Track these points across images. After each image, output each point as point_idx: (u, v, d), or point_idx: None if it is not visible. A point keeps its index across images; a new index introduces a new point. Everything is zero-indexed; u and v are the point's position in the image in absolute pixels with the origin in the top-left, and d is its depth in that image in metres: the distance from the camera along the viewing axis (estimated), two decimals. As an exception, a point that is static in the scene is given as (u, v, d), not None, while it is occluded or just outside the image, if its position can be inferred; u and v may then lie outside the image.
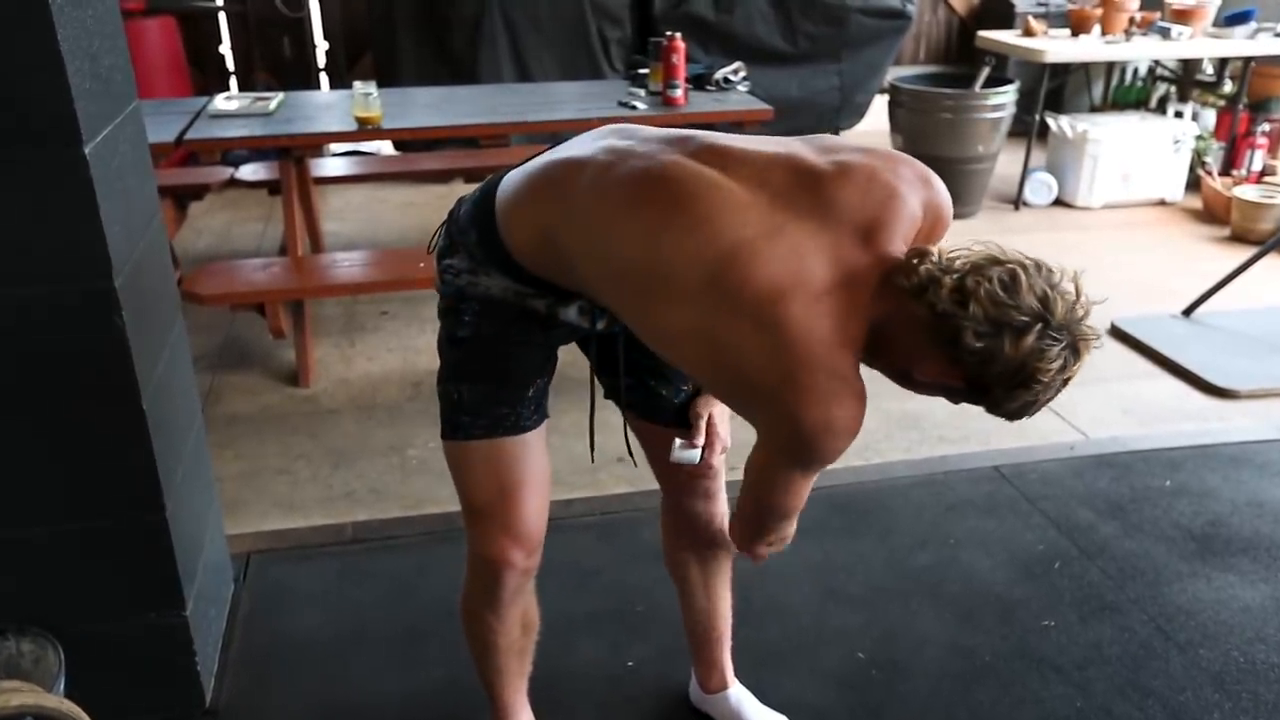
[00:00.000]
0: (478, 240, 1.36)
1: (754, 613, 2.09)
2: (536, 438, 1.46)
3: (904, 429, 2.96)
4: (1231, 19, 4.73)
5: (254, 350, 3.44)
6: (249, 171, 4.02)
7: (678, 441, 1.53)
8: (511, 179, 1.37)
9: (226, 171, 3.99)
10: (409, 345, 3.53)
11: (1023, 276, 1.13)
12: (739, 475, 1.36)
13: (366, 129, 3.22)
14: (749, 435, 1.25)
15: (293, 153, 3.26)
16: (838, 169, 1.21)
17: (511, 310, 1.38)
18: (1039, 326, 1.11)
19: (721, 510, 1.68)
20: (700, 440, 1.54)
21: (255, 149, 4.08)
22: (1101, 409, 3.08)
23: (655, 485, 1.72)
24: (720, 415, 1.56)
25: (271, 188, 3.99)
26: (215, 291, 2.90)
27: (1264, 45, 4.63)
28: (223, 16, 5.56)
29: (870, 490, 2.63)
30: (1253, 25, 4.67)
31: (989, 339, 1.11)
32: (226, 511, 2.46)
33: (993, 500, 2.59)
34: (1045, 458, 2.79)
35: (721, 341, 1.15)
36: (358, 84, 3.25)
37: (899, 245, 1.19)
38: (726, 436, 1.57)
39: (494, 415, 1.42)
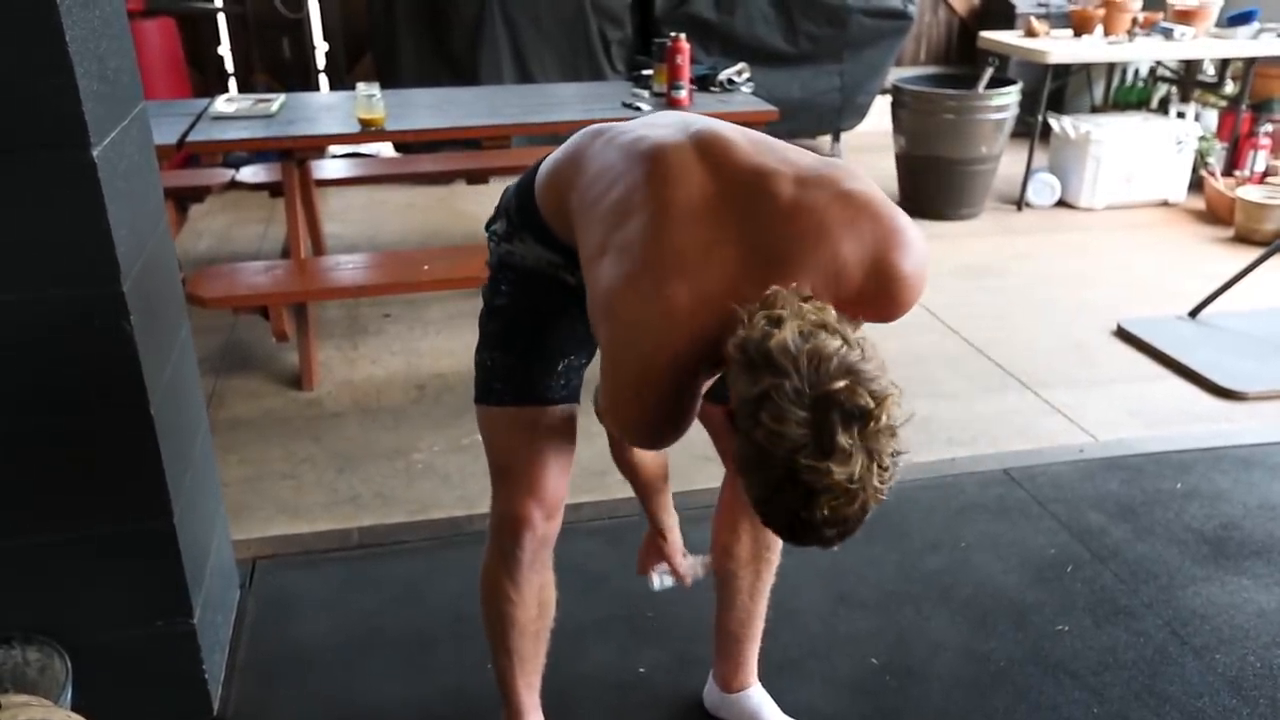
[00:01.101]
0: (517, 206, 1.44)
1: (765, 619, 2.06)
2: (564, 412, 1.48)
3: (912, 431, 2.92)
4: (1234, 19, 4.73)
5: (256, 353, 3.41)
6: (250, 173, 4.00)
7: (662, 569, 1.77)
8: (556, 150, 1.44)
9: (228, 173, 3.97)
10: (412, 348, 3.51)
11: (814, 342, 0.99)
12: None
13: (370, 131, 3.20)
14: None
15: (295, 155, 3.24)
16: (795, 203, 1.15)
17: (545, 282, 1.43)
18: (781, 381, 0.97)
19: None
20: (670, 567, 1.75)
21: (256, 151, 4.05)
22: (1109, 411, 3.06)
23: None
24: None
25: (273, 190, 3.96)
26: (218, 294, 2.88)
27: (1267, 46, 4.62)
28: (222, 18, 5.54)
29: (879, 493, 2.61)
30: (1255, 25, 4.66)
31: (739, 378, 1.01)
32: (231, 517, 2.44)
33: (1003, 503, 2.57)
34: (1054, 460, 2.77)
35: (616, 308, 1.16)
36: (360, 85, 3.23)
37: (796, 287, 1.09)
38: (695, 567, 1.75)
39: (522, 384, 1.46)
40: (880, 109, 5.44)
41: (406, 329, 3.66)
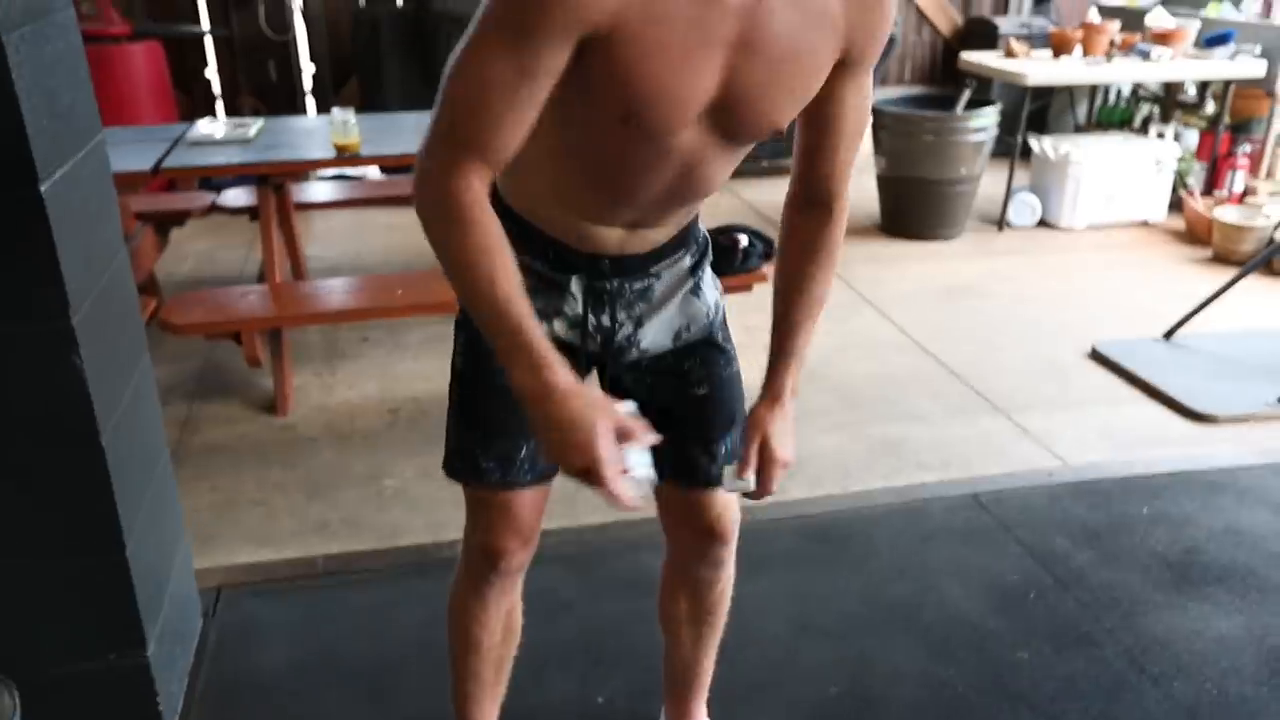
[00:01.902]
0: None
1: (725, 647, 2.05)
2: (530, 494, 1.43)
3: (884, 455, 2.95)
4: (1211, 41, 4.76)
5: (232, 378, 3.42)
6: (231, 197, 4.02)
7: (728, 470, 1.38)
8: None
9: (208, 197, 3.99)
10: (389, 372, 3.52)
11: None
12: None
13: (344, 156, 3.22)
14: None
15: (271, 180, 3.26)
16: None
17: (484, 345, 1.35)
18: None
19: (728, 575, 1.64)
20: (753, 469, 1.36)
21: (234, 175, 4.07)
22: (1082, 434, 3.07)
23: (633, 516, 1.70)
24: (779, 435, 1.38)
25: (254, 213, 3.97)
26: (190, 321, 2.89)
27: (1243, 67, 4.65)
28: (209, 41, 5.58)
29: (847, 519, 2.62)
30: (1232, 47, 4.70)
31: None
32: (199, 544, 2.44)
33: (970, 528, 2.57)
34: (1023, 485, 2.77)
35: None
36: (336, 111, 3.26)
37: None
38: (789, 453, 1.39)
39: (478, 465, 1.40)
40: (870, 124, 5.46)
41: (384, 352, 3.66)
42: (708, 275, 1.46)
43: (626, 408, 1.17)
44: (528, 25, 1.06)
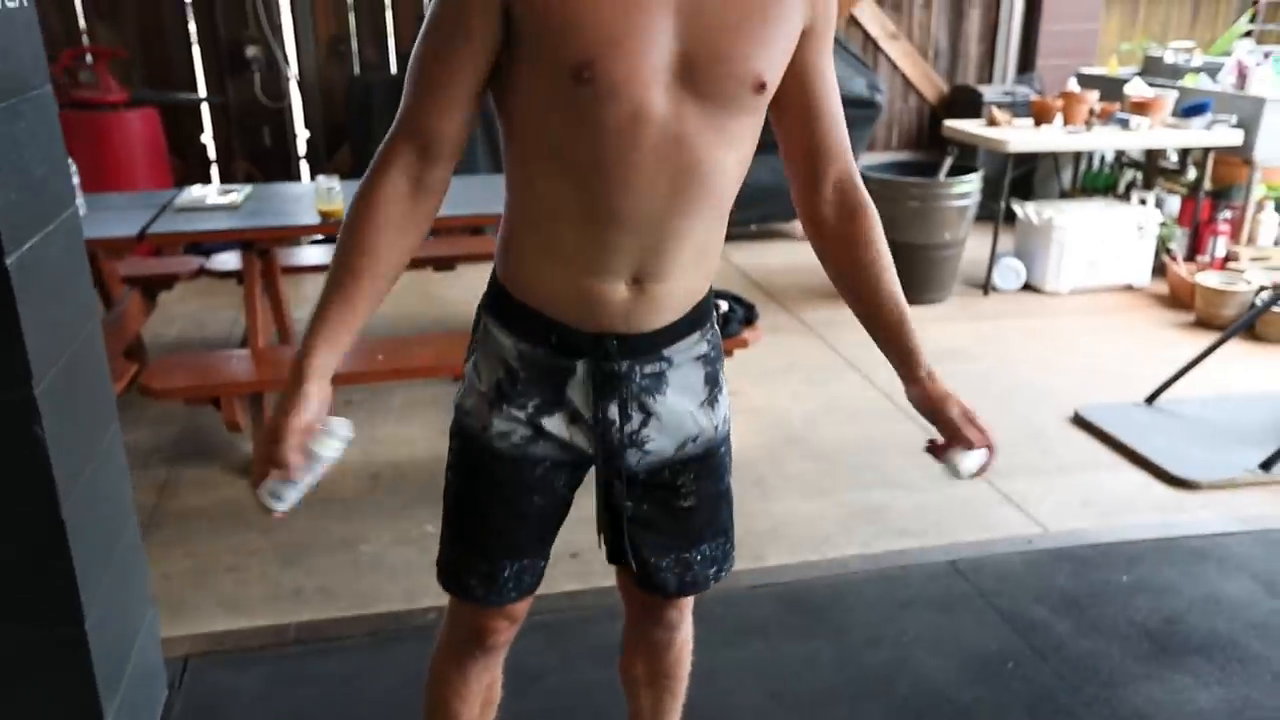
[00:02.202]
0: (485, 299, 1.37)
1: (697, 716, 2.04)
2: (510, 610, 1.43)
3: (863, 522, 2.94)
4: (1188, 111, 4.84)
5: (213, 442, 3.42)
6: (219, 261, 4.05)
7: (954, 462, 1.34)
8: None
9: (196, 261, 4.02)
10: (370, 435, 3.51)
11: None
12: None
13: (329, 222, 3.25)
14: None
15: (256, 246, 3.29)
16: None
17: (499, 461, 1.33)
18: None
19: (684, 637, 1.63)
20: (978, 447, 1.33)
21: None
22: (1063, 500, 3.06)
23: (606, 583, 1.69)
24: (956, 397, 1.36)
25: (242, 277, 4.01)
26: (170, 385, 2.90)
27: (1220, 136, 4.73)
28: (205, 108, 5.67)
29: (825, 586, 2.60)
30: (1209, 117, 4.78)
31: None
32: (170, 612, 2.43)
33: (949, 596, 2.55)
34: (1003, 551, 2.76)
35: None
36: (321, 178, 3.30)
37: None
38: (970, 404, 1.36)
39: (464, 582, 1.40)
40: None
41: (366, 415, 3.66)
42: (724, 388, 1.42)
43: (340, 429, 1.21)
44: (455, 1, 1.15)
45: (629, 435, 1.33)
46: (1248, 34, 5.95)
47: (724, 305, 3.28)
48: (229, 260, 4.04)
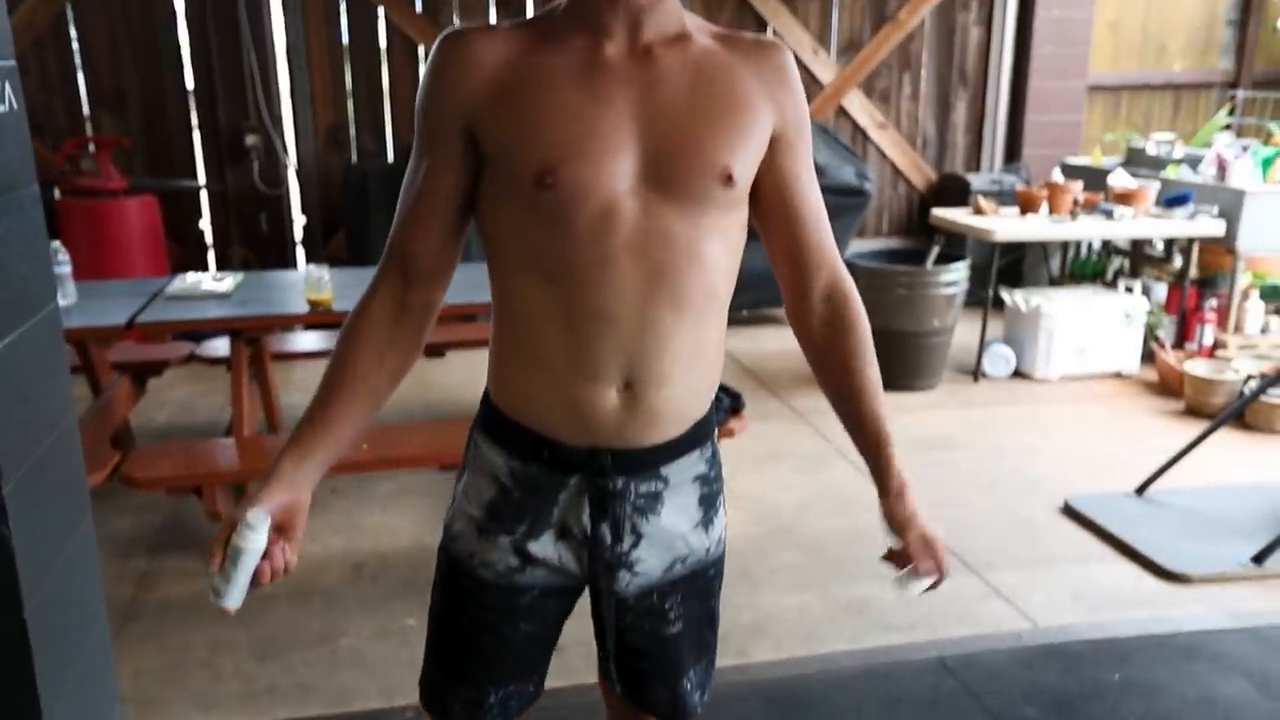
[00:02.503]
0: (477, 418, 1.36)
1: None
2: None
3: (850, 616, 2.89)
4: (1171, 201, 4.92)
5: (195, 531, 3.38)
6: (210, 347, 4.07)
7: (900, 580, 1.33)
8: None
9: (187, 347, 4.04)
10: (354, 524, 3.48)
11: None
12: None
13: (317, 311, 3.28)
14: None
15: (244, 334, 3.31)
16: None
17: (472, 579, 1.32)
18: None
19: None
20: (925, 565, 1.31)
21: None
22: (1053, 594, 3.02)
23: (589, 680, 1.65)
24: (923, 519, 1.34)
25: (230, 364, 4.02)
26: (152, 475, 2.88)
27: (1202, 227, 4.79)
28: (204, 194, 5.76)
29: (809, 683, 2.55)
30: (1191, 207, 4.85)
31: None
32: (141, 711, 2.38)
33: (937, 694, 2.50)
34: (993, 648, 2.71)
35: None
36: (311, 267, 3.34)
37: None
38: (938, 529, 1.35)
39: (445, 706, 1.38)
40: (840, 281, 5.59)
41: (352, 504, 3.64)
42: (721, 510, 1.40)
43: (256, 520, 1.18)
44: (424, 127, 1.23)
45: (619, 556, 1.30)
46: (1227, 127, 6.08)
47: (710, 395, 3.28)
48: (220, 346, 4.06)
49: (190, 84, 5.60)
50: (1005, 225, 4.87)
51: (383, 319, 1.25)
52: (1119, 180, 5.05)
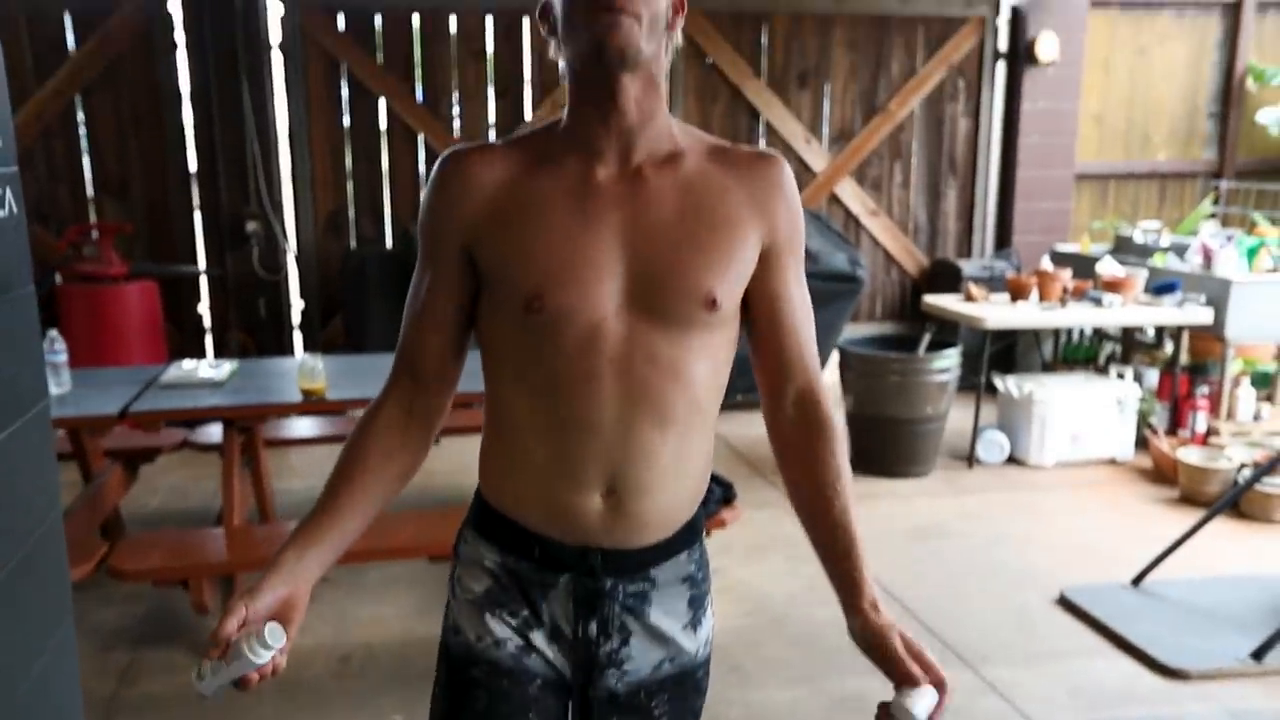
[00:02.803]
0: (468, 514, 1.38)
1: None
2: None
3: (843, 712, 2.85)
4: (1159, 289, 4.98)
5: (180, 623, 3.34)
6: (203, 434, 4.07)
7: (903, 702, 1.19)
8: None
9: (180, 434, 4.04)
10: (345, 614, 3.44)
11: None
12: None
13: (310, 400, 3.29)
14: None
15: (237, 423, 3.31)
16: None
17: (483, 664, 1.30)
18: None
19: None
20: (924, 685, 1.19)
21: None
22: (1050, 690, 2.98)
23: None
24: (902, 632, 1.24)
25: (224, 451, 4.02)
26: (140, 567, 2.86)
27: (1191, 315, 4.84)
28: (204, 279, 5.82)
29: (803, 786, 2.49)
30: (1179, 295, 4.90)
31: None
32: (115, 813, 2.32)
33: (932, 798, 2.44)
34: (988, 747, 2.66)
35: None
36: (306, 356, 3.37)
37: None
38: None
39: None
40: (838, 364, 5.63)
41: (342, 594, 3.60)
42: (709, 611, 1.39)
43: (272, 638, 1.16)
44: (425, 243, 1.29)
45: (607, 655, 1.31)
46: (1212, 216, 6.18)
47: (702, 485, 3.27)
48: (213, 432, 4.06)
49: (193, 170, 5.70)
50: (996, 312, 4.91)
51: (392, 423, 1.30)
52: (1107, 268, 5.12)
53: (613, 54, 1.15)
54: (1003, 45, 6.52)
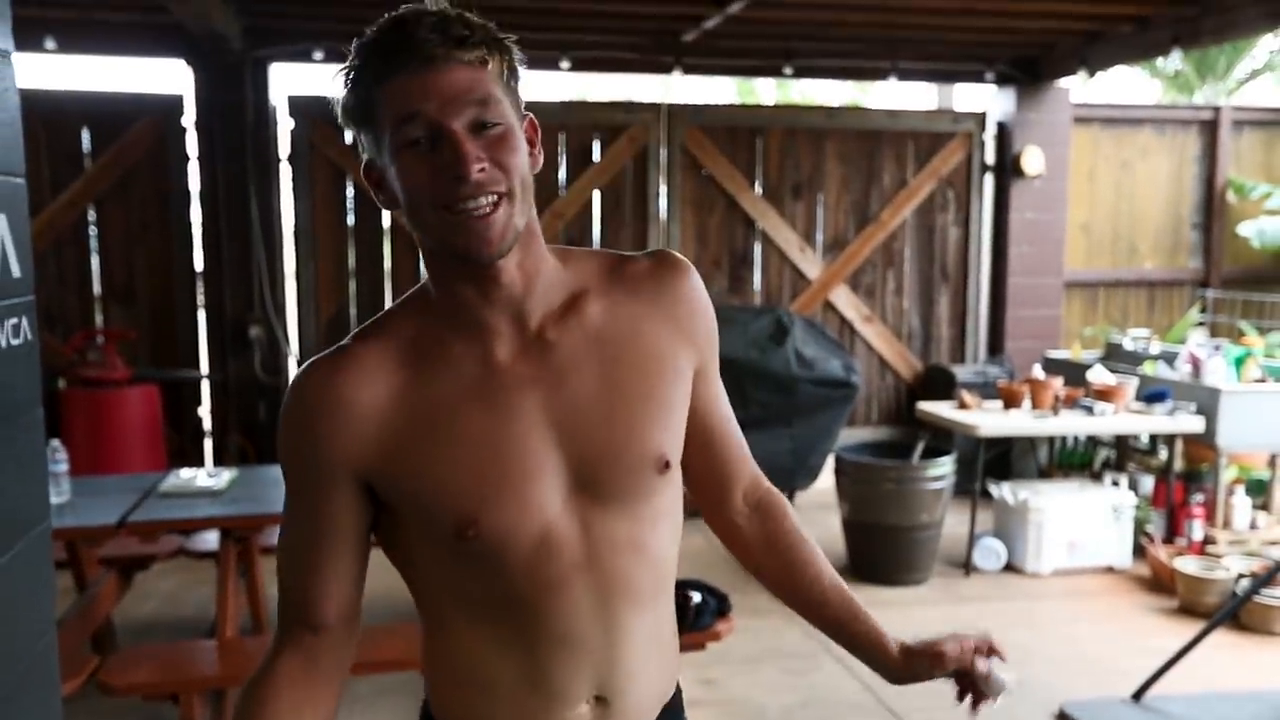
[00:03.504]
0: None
1: None
2: None
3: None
4: (1150, 397, 5.03)
5: (170, 737, 3.30)
6: (200, 541, 4.07)
7: (987, 672, 1.31)
8: None
9: (175, 541, 4.04)
10: (334, 729, 3.40)
11: None
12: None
13: (308, 510, 3.31)
14: None
15: (233, 534, 3.33)
16: None
17: None
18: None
19: None
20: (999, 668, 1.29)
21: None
22: (1050, 811, 2.92)
23: None
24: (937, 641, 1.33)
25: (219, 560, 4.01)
26: (129, 682, 2.84)
27: (1182, 423, 4.89)
28: (205, 383, 5.89)
29: None
30: (1170, 403, 4.96)
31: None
32: None
33: None
34: None
35: None
36: (305, 467, 3.39)
37: None
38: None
39: None
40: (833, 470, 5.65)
41: (333, 707, 3.56)
42: None
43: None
44: (296, 478, 1.10)
45: None
46: (1200, 324, 6.29)
47: (696, 597, 3.27)
48: (209, 539, 4.06)
49: (199, 276, 5.83)
50: (989, 420, 4.96)
51: (293, 680, 1.10)
52: (1098, 376, 5.18)
53: (487, 255, 1.01)
54: (990, 158, 6.73)
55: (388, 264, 6.10)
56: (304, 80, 6.38)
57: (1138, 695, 3.58)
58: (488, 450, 1.04)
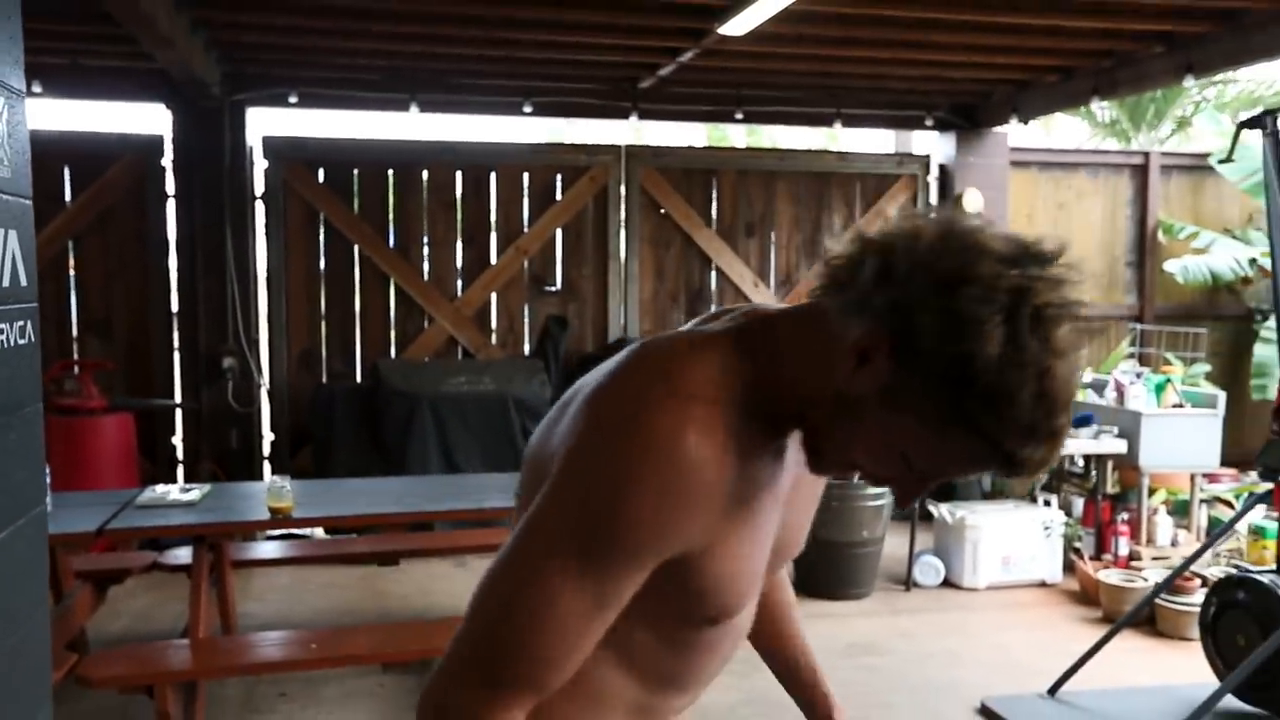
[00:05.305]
0: None
1: None
2: None
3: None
4: (1076, 421, 5.35)
5: (143, 734, 3.48)
6: (173, 556, 4.27)
7: None
8: None
9: (149, 556, 4.24)
10: (300, 729, 3.59)
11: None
12: None
13: (278, 518, 3.54)
14: None
15: (207, 539, 3.54)
16: None
17: None
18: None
19: None
20: None
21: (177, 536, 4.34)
22: (964, 791, 3.17)
23: None
24: None
25: (192, 572, 4.21)
26: (107, 675, 3.04)
27: (1106, 445, 5.21)
28: (179, 412, 6.08)
29: None
30: (1095, 427, 5.28)
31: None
32: None
33: None
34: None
35: None
36: (274, 477, 3.63)
37: None
38: None
39: None
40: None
41: (299, 709, 3.74)
42: None
43: None
44: (624, 553, 0.98)
45: None
46: (1130, 356, 6.64)
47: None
48: (182, 554, 4.25)
49: (175, 309, 6.04)
50: (927, 443, 5.24)
51: None
52: (1029, 402, 5.48)
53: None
54: (934, 199, 7.10)
55: (358, 300, 6.34)
56: (279, 122, 6.61)
57: (1053, 690, 3.84)
58: (760, 554, 1.10)
